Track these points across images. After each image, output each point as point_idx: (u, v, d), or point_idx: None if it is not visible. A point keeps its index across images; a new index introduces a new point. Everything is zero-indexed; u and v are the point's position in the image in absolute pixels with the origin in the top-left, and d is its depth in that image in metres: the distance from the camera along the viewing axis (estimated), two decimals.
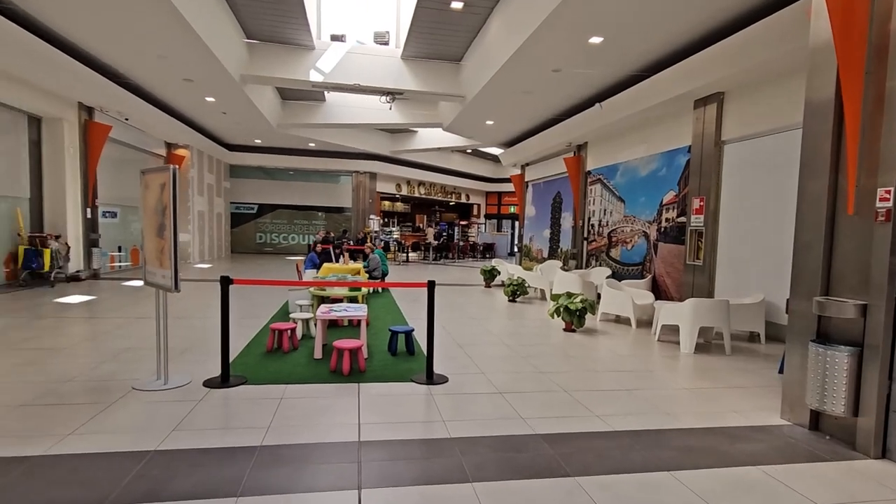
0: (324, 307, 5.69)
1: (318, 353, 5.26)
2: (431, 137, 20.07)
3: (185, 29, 7.97)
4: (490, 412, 3.91)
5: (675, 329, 6.88)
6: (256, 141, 19.73)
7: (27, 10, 7.52)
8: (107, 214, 12.92)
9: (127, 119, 12.82)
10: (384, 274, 11.34)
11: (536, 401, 4.20)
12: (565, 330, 7.16)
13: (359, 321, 5.41)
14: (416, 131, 20.60)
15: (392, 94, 11.96)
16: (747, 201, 7.56)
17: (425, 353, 4.78)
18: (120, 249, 13.69)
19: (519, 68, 9.01)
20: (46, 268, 10.12)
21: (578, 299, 7.07)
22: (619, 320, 8.12)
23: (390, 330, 5.63)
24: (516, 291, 9.84)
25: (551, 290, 9.88)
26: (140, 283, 11.18)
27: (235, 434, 3.35)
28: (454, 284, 12.93)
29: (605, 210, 11.84)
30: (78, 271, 11.26)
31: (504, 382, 4.67)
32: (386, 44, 11.85)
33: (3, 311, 7.32)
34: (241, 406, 3.89)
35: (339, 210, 23.75)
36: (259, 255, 21.52)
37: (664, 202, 9.53)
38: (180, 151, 16.62)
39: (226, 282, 4.42)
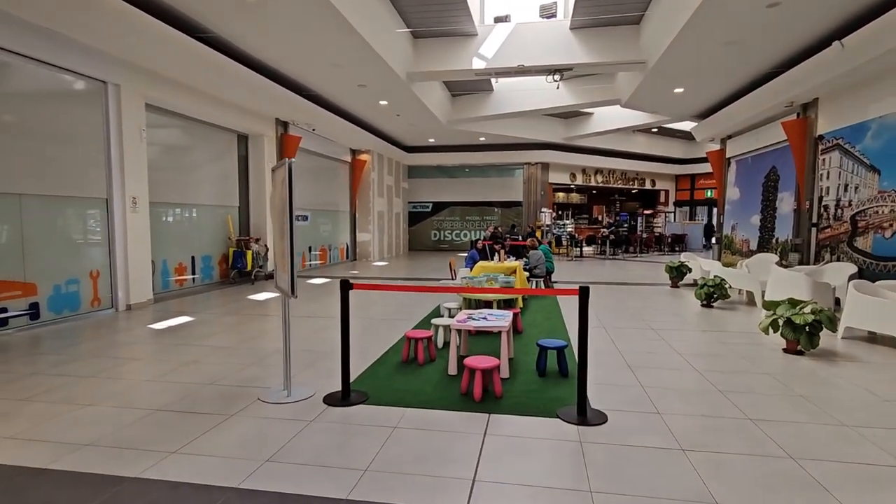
0: (462, 315, 4.94)
1: (452, 369, 4.52)
2: (609, 118, 18.08)
3: (351, 34, 8.09)
4: (662, 483, 2.66)
5: None
6: (430, 140, 20.20)
7: (221, 34, 8.35)
8: (299, 218, 14.29)
9: (314, 129, 13.98)
10: (549, 272, 10.25)
11: (742, 470, 2.79)
12: (787, 351, 5.22)
13: (507, 330, 4.51)
14: (591, 113, 18.81)
15: (560, 72, 10.74)
16: None
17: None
18: (311, 250, 15.09)
19: (720, 9, 7.05)
20: (249, 267, 11.45)
21: (808, 308, 5.08)
22: (876, 340, 5.73)
23: (538, 345, 4.61)
24: (713, 294, 7.84)
25: (763, 293, 7.63)
26: (324, 279, 12.02)
27: (326, 475, 2.77)
28: (632, 283, 11.15)
29: (846, 185, 8.86)
30: (274, 270, 12.60)
31: (689, 431, 3.30)
32: (553, 16, 10.68)
33: (202, 307, 8.27)
34: (350, 433, 3.33)
35: (512, 204, 23.12)
36: (434, 252, 22.12)
37: None
38: (362, 156, 17.77)
39: (346, 287, 3.94)
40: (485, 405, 3.79)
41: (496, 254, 8.27)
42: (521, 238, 16.81)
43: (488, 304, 6.48)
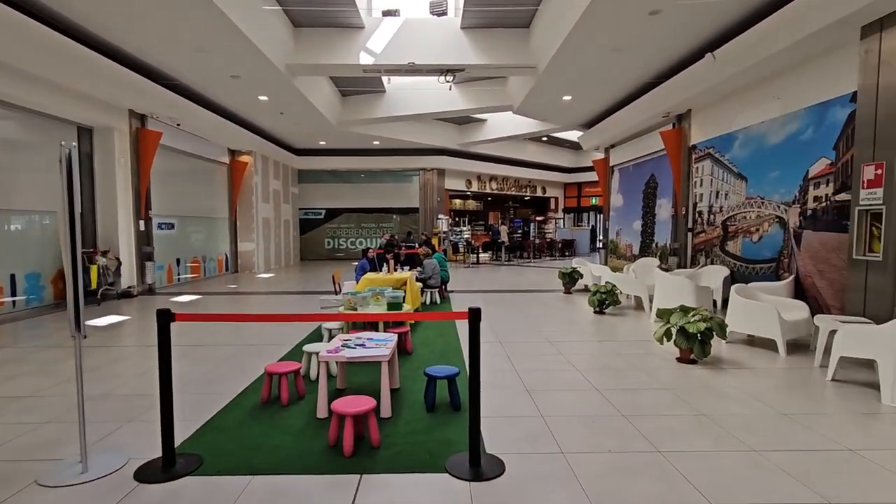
0: (336, 341, 4.11)
1: (321, 411, 3.68)
2: (502, 125, 18.17)
3: (214, 13, 6.93)
4: None
5: (858, 363, 4.58)
6: (321, 143, 18.97)
7: (51, 6, 6.76)
8: (163, 226, 12.41)
9: (179, 124, 12.24)
10: (444, 281, 9.70)
11: None
12: (681, 360, 5.06)
13: (389, 359, 3.74)
14: (484, 119, 18.81)
15: (452, 72, 10.28)
16: None
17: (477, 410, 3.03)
18: (179, 262, 13.21)
19: (605, 15, 6.96)
20: (94, 285, 9.55)
21: (699, 317, 4.96)
22: (755, 343, 5.83)
23: (426, 374, 3.92)
24: (605, 300, 7.76)
25: (650, 298, 7.70)
26: (192, 296, 10.42)
27: None
28: (527, 290, 10.99)
29: (717, 192, 9.35)
30: (130, 287, 10.71)
31: (597, 476, 2.79)
32: (444, 13, 10.20)
33: (15, 339, 6.55)
34: None
35: (409, 211, 22.51)
36: (329, 261, 20.81)
37: (811, 175, 7.01)
38: (243, 158, 16.10)
39: (165, 318, 2.95)
40: (357, 461, 3.00)
41: (385, 264, 7.51)
42: (417, 246, 16.23)
43: (375, 323, 5.69)
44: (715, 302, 7.81)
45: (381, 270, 7.68)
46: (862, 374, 4.53)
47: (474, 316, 2.88)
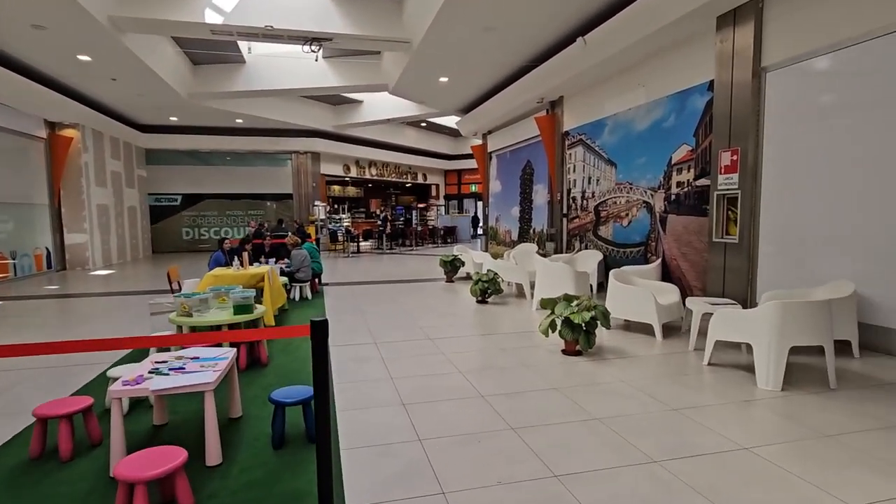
0: (147, 364, 3.05)
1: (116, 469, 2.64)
2: (379, 107, 17.25)
3: None
4: None
5: (728, 344, 4.60)
6: (172, 119, 16.48)
7: None
8: None
9: None
10: (316, 274, 8.69)
11: None
12: (566, 353, 4.75)
13: (213, 388, 2.78)
14: (360, 101, 17.73)
15: (318, 42, 9.16)
16: (806, 150, 5.29)
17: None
18: None
19: None
20: None
21: (584, 306, 4.67)
22: (631, 327, 5.78)
23: (271, 400, 3.05)
24: (487, 289, 7.38)
25: (532, 284, 7.49)
26: None
27: None
28: (408, 280, 10.38)
29: (589, 178, 9.48)
30: None
31: None
32: None
33: None
34: None
35: (283, 197, 20.67)
36: (188, 254, 18.30)
37: (674, 161, 7.21)
38: (67, 132, 13.26)
39: None
40: None
41: (236, 257, 6.32)
42: (294, 234, 14.75)
43: (215, 332, 4.59)
44: (591, 286, 7.84)
45: (230, 265, 6.47)
46: (732, 356, 4.56)
47: (318, 330, 2.09)
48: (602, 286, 8.50)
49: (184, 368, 2.99)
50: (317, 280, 8.99)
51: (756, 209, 5.84)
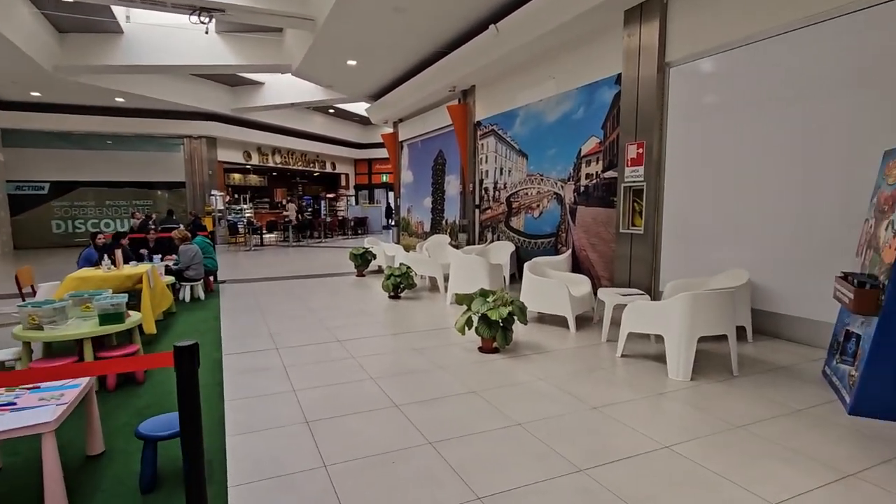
0: None
1: None
2: (282, 90, 16.10)
3: None
4: None
5: (640, 336, 4.64)
6: (33, 94, 14.16)
7: None
8: None
9: None
10: (210, 270, 7.81)
11: None
12: (483, 350, 4.54)
13: (52, 429, 2.14)
14: (261, 82, 16.44)
15: (207, 12, 8.16)
16: (703, 145, 5.51)
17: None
18: None
19: None
20: None
21: (500, 301, 4.48)
22: (545, 320, 5.73)
23: (138, 434, 2.47)
24: (400, 284, 7.02)
25: (446, 277, 7.25)
26: None
27: None
28: (315, 275, 9.73)
29: (501, 169, 9.43)
30: None
31: None
32: None
33: None
34: None
35: (175, 186, 18.72)
36: (59, 250, 15.94)
37: (583, 153, 7.30)
38: None
39: None
40: None
41: (106, 256, 5.38)
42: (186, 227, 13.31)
43: (80, 349, 3.80)
44: (504, 279, 7.76)
45: (99, 265, 5.51)
46: (642, 346, 4.61)
47: (185, 359, 1.61)
48: (514, 277, 8.49)
49: (15, 404, 2.32)
50: (211, 278, 8.09)
51: (660, 201, 6.02)
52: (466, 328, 4.47)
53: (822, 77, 4.41)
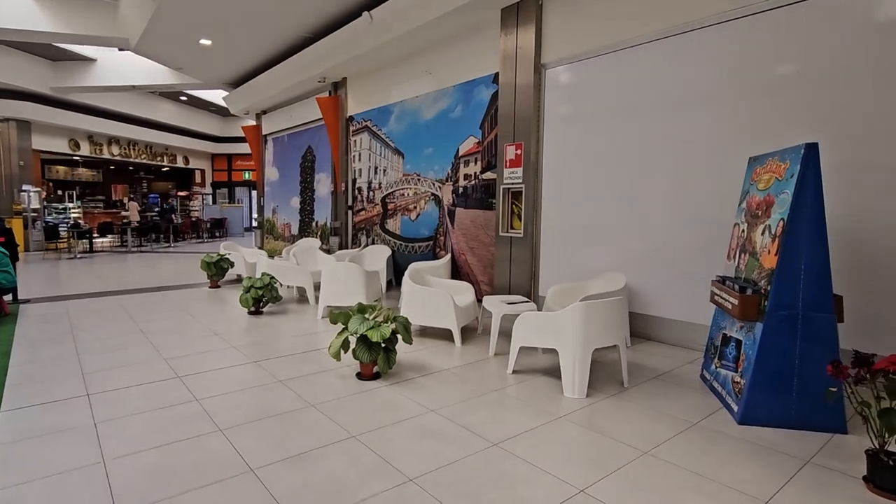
0: None
1: None
2: (121, 69, 13.58)
3: None
4: None
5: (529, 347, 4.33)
6: None
7: None
8: None
9: None
10: (4, 288, 6.00)
11: None
12: (362, 377, 3.85)
13: None
14: (93, 59, 13.68)
15: None
16: (577, 148, 5.44)
17: None
18: None
19: None
20: None
21: (382, 316, 3.84)
22: (427, 332, 5.22)
23: None
24: (262, 297, 5.99)
25: (316, 287, 6.39)
26: None
27: None
28: (158, 289, 8.14)
29: (376, 168, 8.75)
30: None
31: None
32: None
33: None
34: None
35: None
36: None
37: (461, 153, 6.94)
38: None
39: None
40: None
41: None
42: None
43: None
44: (381, 287, 7.11)
45: None
46: (531, 360, 4.31)
47: None
48: (392, 283, 7.90)
49: None
50: (7, 297, 6.22)
51: (538, 204, 5.86)
52: (342, 352, 3.75)
53: (692, 84, 4.49)
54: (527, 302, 4.70)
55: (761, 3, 3.97)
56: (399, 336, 3.82)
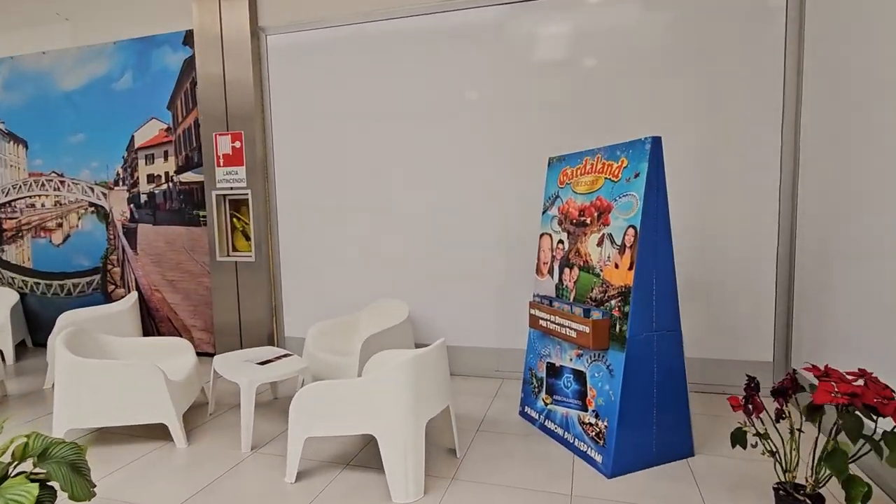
0: None
1: None
2: None
3: None
4: None
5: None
6: None
7: None
8: None
9: None
10: None
11: None
12: None
13: None
14: None
15: None
16: (315, 144, 4.28)
17: None
18: None
19: None
20: None
21: (9, 454, 1.83)
22: (113, 432, 3.15)
23: None
24: None
25: None
26: None
27: None
28: None
29: None
30: None
31: None
32: None
33: None
34: None
35: None
36: None
37: (140, 144, 4.74)
38: None
39: None
40: None
41: None
42: None
43: None
44: (3, 357, 4.23)
45: None
46: (317, 444, 2.93)
47: None
48: (24, 347, 5.01)
49: None
50: None
51: (272, 215, 4.42)
52: None
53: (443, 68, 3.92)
54: (288, 356, 3.27)
55: None
56: (63, 490, 1.89)
